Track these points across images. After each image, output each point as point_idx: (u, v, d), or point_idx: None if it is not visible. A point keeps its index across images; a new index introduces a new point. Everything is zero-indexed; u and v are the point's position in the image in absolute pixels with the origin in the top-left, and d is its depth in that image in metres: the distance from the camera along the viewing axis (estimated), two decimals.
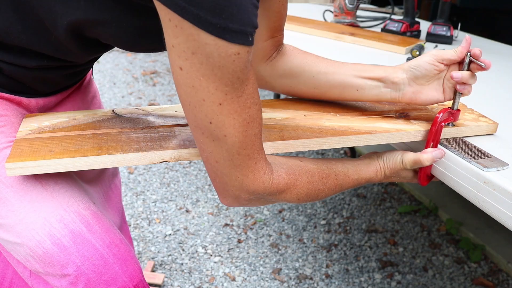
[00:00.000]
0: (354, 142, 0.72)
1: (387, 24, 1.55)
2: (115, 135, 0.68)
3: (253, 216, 2.00)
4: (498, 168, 0.68)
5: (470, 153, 0.72)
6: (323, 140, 0.70)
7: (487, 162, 0.69)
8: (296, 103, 0.82)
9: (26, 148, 0.63)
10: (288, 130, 0.71)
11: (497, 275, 1.69)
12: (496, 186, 0.65)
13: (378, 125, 0.76)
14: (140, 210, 2.00)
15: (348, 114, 0.79)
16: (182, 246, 1.79)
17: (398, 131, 0.75)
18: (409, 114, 0.81)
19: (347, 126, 0.74)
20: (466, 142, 0.76)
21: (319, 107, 0.81)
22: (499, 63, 1.30)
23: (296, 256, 1.76)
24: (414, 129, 0.76)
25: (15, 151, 0.63)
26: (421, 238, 1.88)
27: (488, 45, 1.57)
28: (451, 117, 0.77)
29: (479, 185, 0.67)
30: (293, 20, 1.59)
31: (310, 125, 0.73)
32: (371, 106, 0.83)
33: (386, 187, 2.27)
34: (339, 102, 0.83)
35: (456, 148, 0.73)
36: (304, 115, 0.77)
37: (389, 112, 0.81)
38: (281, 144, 0.69)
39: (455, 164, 0.72)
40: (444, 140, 0.76)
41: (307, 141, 0.69)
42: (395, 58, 1.26)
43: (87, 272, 0.69)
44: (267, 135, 0.69)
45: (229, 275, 1.65)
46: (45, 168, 0.61)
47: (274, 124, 0.73)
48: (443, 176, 0.75)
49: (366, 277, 1.67)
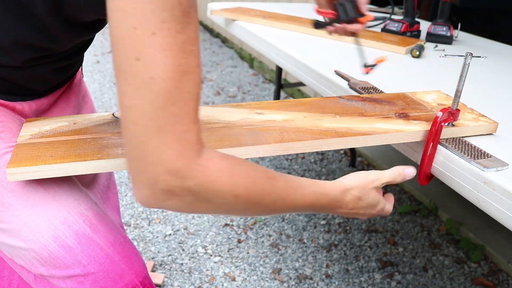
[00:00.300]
0: (354, 144, 0.72)
1: (387, 24, 1.55)
2: (115, 139, 0.68)
3: (253, 216, 2.00)
4: (498, 168, 0.68)
5: (470, 153, 0.72)
6: (322, 142, 0.70)
7: (487, 162, 0.69)
8: (296, 105, 0.82)
9: (26, 153, 0.63)
10: (288, 132, 0.71)
11: (497, 275, 1.69)
12: (496, 186, 0.65)
13: (377, 126, 0.76)
14: (140, 210, 2.00)
15: (348, 115, 0.79)
16: (182, 246, 1.79)
17: (397, 131, 0.75)
18: (409, 115, 0.81)
19: (347, 127, 0.74)
20: (466, 142, 0.76)
21: (319, 108, 0.81)
22: (499, 63, 1.30)
23: (296, 256, 1.76)
24: (414, 130, 0.75)
25: (16, 156, 0.63)
26: (421, 238, 1.88)
27: (488, 45, 1.57)
28: (451, 117, 0.77)
29: (479, 185, 0.67)
30: (293, 20, 1.59)
31: (309, 127, 0.73)
32: (370, 107, 0.83)
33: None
34: (339, 103, 0.83)
35: (456, 148, 0.73)
36: (304, 117, 0.77)
37: (388, 113, 0.81)
38: (281, 146, 0.69)
39: (455, 164, 0.72)
40: (444, 140, 0.76)
41: (306, 143, 0.69)
42: (395, 58, 1.26)
43: (93, 271, 0.69)
44: (267, 137, 0.69)
45: (229, 275, 1.65)
46: (46, 173, 0.61)
47: (274, 126, 0.73)
48: (443, 176, 0.75)
49: (366, 277, 1.67)
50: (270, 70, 3.74)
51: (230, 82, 3.69)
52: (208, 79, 3.73)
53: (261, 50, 1.43)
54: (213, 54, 4.47)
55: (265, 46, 1.41)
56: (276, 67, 2.09)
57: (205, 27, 5.47)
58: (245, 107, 0.79)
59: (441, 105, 0.86)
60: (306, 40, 1.42)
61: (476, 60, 1.28)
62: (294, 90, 3.39)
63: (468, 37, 1.65)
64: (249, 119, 0.74)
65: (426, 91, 0.92)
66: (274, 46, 1.34)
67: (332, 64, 1.12)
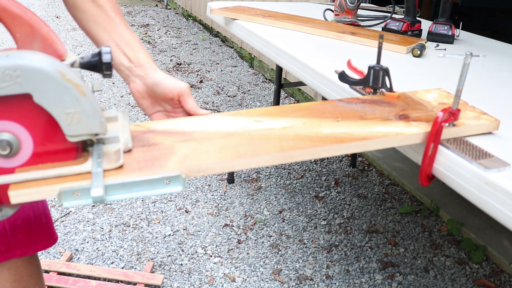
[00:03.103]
0: (354, 149, 0.71)
1: (388, 23, 1.54)
2: None
3: (253, 216, 1.99)
4: (499, 168, 0.67)
5: (471, 153, 0.71)
6: (321, 149, 0.69)
7: (488, 162, 0.68)
8: (295, 110, 0.81)
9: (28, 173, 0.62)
10: (287, 140, 0.70)
11: (499, 276, 1.67)
12: (498, 187, 0.64)
13: (377, 129, 0.75)
14: (139, 210, 1.99)
15: (347, 119, 0.78)
16: (181, 246, 1.78)
17: (397, 134, 0.74)
18: (409, 116, 0.80)
19: (346, 132, 0.73)
20: (468, 142, 0.75)
21: (318, 113, 0.80)
22: (501, 62, 1.29)
23: (296, 256, 1.75)
24: (414, 132, 0.74)
25: None
26: (422, 239, 1.87)
27: (490, 44, 1.56)
28: (451, 117, 0.76)
29: (481, 186, 0.66)
30: (293, 19, 1.58)
31: (309, 133, 0.72)
32: (370, 109, 0.82)
33: (387, 187, 2.26)
34: (338, 106, 0.83)
35: (457, 149, 0.72)
36: (303, 123, 0.76)
37: (388, 115, 0.80)
38: (280, 156, 0.68)
39: (456, 165, 0.71)
40: (445, 140, 0.75)
41: (305, 151, 0.68)
42: (396, 57, 1.25)
43: None
44: (266, 147, 0.68)
45: (229, 276, 1.64)
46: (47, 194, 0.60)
47: (273, 133, 0.72)
48: (444, 177, 0.74)
49: (367, 278, 1.66)
50: (270, 69, 3.73)
51: (230, 82, 3.69)
52: (208, 79, 3.72)
53: (261, 50, 1.42)
54: (213, 54, 4.46)
55: (265, 45, 1.40)
56: (276, 66, 2.08)
57: (204, 26, 5.46)
58: (245, 115, 0.78)
59: (442, 103, 0.85)
60: (306, 39, 1.41)
61: (478, 59, 1.27)
62: (294, 90, 3.38)
63: (470, 36, 1.64)
64: (248, 128, 0.73)
65: (427, 90, 0.91)
66: (274, 45, 1.33)
67: (333, 64, 1.11)
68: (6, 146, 0.55)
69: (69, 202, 0.55)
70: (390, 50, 1.32)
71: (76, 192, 0.55)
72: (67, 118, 0.56)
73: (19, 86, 0.53)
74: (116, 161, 0.59)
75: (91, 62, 0.61)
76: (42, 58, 0.54)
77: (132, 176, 0.58)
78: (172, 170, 0.63)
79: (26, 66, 0.52)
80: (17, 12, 0.55)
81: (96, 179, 0.56)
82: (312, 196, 2.16)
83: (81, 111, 0.56)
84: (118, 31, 0.80)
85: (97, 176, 0.56)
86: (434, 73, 1.14)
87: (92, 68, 0.61)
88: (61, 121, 0.55)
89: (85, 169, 0.57)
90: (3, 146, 0.55)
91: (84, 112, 0.56)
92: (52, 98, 0.55)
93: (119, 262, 1.69)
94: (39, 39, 0.56)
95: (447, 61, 1.24)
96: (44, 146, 0.57)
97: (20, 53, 0.53)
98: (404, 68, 1.16)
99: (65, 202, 0.55)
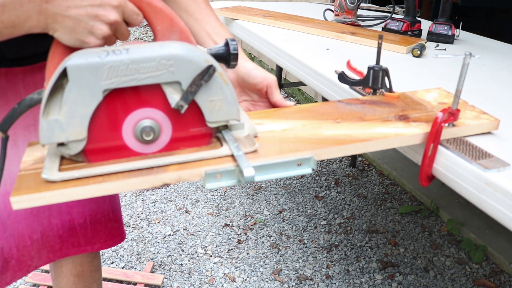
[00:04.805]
0: (353, 151, 0.71)
1: (388, 23, 1.54)
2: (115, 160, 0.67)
3: (253, 216, 1.99)
4: (499, 168, 0.67)
5: (471, 153, 0.71)
6: (321, 152, 0.69)
7: (488, 162, 0.68)
8: (295, 112, 0.81)
9: (30, 179, 0.63)
10: (287, 143, 0.70)
11: (499, 276, 1.67)
12: (498, 187, 0.64)
13: (377, 130, 0.75)
14: (139, 210, 1.99)
15: (347, 120, 0.78)
16: (181, 246, 1.78)
17: (397, 135, 0.74)
18: (409, 116, 0.80)
19: (346, 134, 0.73)
20: (467, 142, 0.75)
21: (318, 114, 0.80)
22: (501, 62, 1.29)
23: (296, 256, 1.75)
24: (413, 133, 0.74)
25: (19, 183, 0.62)
26: (422, 239, 1.87)
27: (490, 44, 1.56)
28: (451, 117, 0.76)
29: (481, 186, 0.66)
30: (293, 19, 1.58)
31: (309, 136, 0.72)
32: (370, 110, 0.82)
33: (387, 187, 2.26)
34: (338, 107, 0.83)
35: (457, 149, 0.72)
36: (303, 125, 0.76)
37: (388, 116, 0.80)
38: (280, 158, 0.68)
39: (456, 165, 0.71)
40: (445, 140, 0.75)
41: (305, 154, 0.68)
42: (396, 57, 1.25)
43: None
44: (266, 150, 0.68)
45: (229, 276, 1.64)
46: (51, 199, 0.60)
47: (273, 136, 0.72)
48: (444, 177, 0.74)
49: (367, 278, 1.66)
50: (270, 69, 3.73)
51: None
52: None
53: (261, 50, 1.42)
54: None
55: (265, 45, 1.40)
56: (276, 66, 2.08)
57: None
58: None
59: (442, 103, 0.85)
60: (306, 39, 1.41)
61: (478, 59, 1.27)
62: (294, 90, 3.38)
63: (470, 36, 1.64)
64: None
65: (427, 89, 0.91)
66: (274, 45, 1.33)
67: (332, 64, 1.11)
68: (150, 132, 0.57)
69: (212, 183, 0.57)
70: (390, 50, 1.32)
71: (218, 174, 0.58)
72: (210, 105, 0.58)
73: (171, 75, 0.55)
74: (251, 146, 0.62)
75: (219, 53, 0.63)
76: (192, 49, 0.56)
77: (271, 158, 0.61)
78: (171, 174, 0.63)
79: (179, 56, 0.55)
80: (159, 6, 0.58)
81: (243, 161, 0.58)
82: (312, 196, 2.16)
83: (223, 98, 0.58)
84: (209, 21, 0.82)
85: (242, 159, 0.58)
86: (434, 73, 1.14)
87: (219, 58, 0.63)
88: (204, 108, 0.58)
89: (225, 153, 0.60)
90: (147, 132, 0.57)
91: (225, 100, 0.58)
92: None
93: (119, 262, 1.70)
94: (177, 32, 0.59)
95: (447, 61, 1.24)
96: (182, 132, 0.59)
97: (172, 44, 0.56)
98: (404, 68, 1.16)
99: (208, 184, 0.57)
